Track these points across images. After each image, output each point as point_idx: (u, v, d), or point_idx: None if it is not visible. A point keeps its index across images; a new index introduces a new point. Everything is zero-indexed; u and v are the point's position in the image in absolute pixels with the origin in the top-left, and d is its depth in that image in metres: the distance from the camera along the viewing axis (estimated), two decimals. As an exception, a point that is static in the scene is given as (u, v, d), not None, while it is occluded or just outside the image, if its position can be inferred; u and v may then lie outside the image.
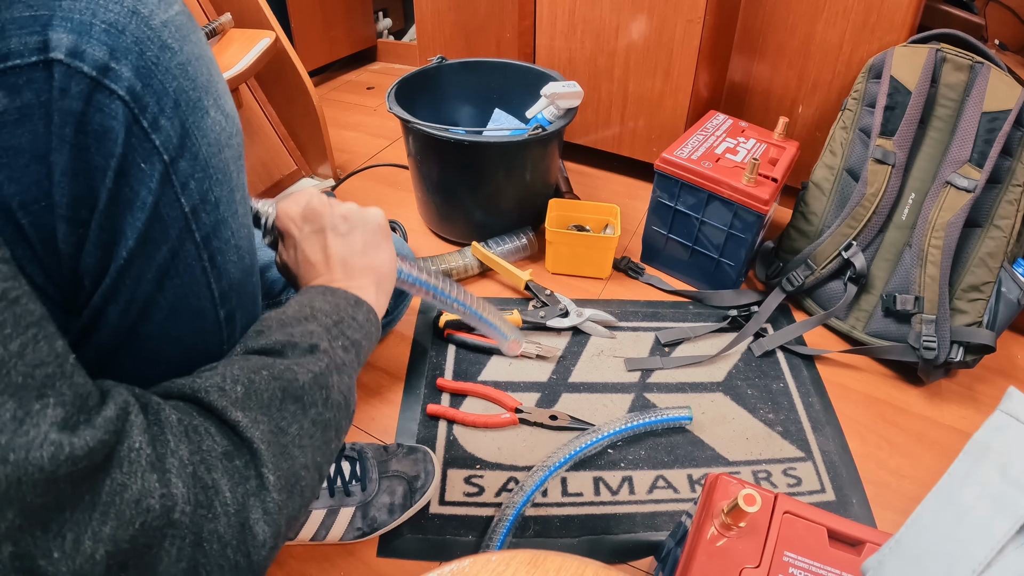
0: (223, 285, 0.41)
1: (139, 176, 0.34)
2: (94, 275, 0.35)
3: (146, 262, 0.36)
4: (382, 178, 1.39)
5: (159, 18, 0.33)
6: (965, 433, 0.85)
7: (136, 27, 0.32)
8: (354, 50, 1.95)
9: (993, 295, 0.87)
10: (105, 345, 0.37)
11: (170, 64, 0.34)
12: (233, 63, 1.04)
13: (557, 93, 1.01)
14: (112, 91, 0.32)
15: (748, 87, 1.25)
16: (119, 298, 0.36)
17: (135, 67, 0.32)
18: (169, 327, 0.39)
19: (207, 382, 0.34)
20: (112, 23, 0.31)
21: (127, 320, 0.37)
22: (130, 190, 0.34)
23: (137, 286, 0.36)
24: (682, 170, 1.00)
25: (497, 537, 0.69)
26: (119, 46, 0.32)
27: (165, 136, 0.34)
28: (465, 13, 1.45)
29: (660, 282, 1.10)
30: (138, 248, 0.35)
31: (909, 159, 0.93)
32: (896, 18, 1.02)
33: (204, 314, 0.41)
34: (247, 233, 0.43)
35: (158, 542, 0.27)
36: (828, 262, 0.97)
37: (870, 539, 0.50)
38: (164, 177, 0.35)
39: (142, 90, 0.33)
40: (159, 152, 0.34)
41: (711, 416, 0.85)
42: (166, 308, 0.38)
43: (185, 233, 0.37)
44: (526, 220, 1.13)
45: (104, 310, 0.36)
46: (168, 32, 0.34)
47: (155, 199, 0.34)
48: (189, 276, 0.38)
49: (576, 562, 0.37)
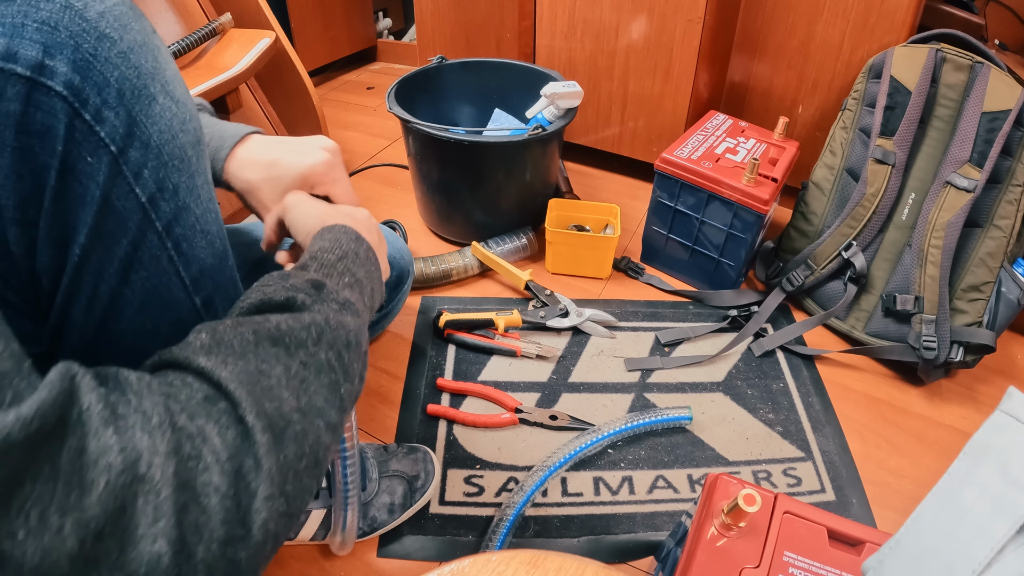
0: (193, 271, 0.40)
1: (86, 170, 0.33)
2: (51, 274, 0.35)
3: (105, 256, 0.35)
4: (382, 178, 1.39)
5: (94, 9, 0.33)
6: (965, 433, 0.85)
7: (70, 21, 0.32)
8: (354, 50, 1.95)
9: (993, 295, 0.87)
10: (79, 346, 0.37)
11: (110, 54, 0.33)
12: (233, 63, 1.04)
13: (557, 93, 1.01)
14: (49, 88, 0.31)
15: (748, 87, 1.25)
16: (80, 295, 0.36)
17: (71, 61, 0.32)
18: (143, 321, 0.39)
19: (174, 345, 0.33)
20: (44, 20, 0.31)
21: (93, 317, 0.37)
22: (78, 185, 0.33)
23: (99, 281, 0.36)
24: (682, 170, 1.00)
25: (497, 537, 0.69)
26: (53, 42, 0.31)
27: (110, 127, 0.34)
28: (465, 13, 1.45)
29: (660, 282, 1.10)
30: (92, 243, 0.35)
31: (909, 159, 0.93)
32: (896, 18, 1.02)
33: (178, 304, 0.40)
34: (215, 217, 0.42)
35: (131, 502, 0.25)
36: (828, 262, 0.97)
37: (870, 539, 0.50)
38: (113, 169, 0.34)
39: (81, 83, 0.32)
40: (105, 144, 0.34)
41: (711, 416, 0.85)
42: (135, 302, 0.38)
43: (145, 223, 0.36)
44: (526, 220, 1.13)
45: (68, 310, 0.36)
46: (105, 22, 0.33)
47: (104, 192, 0.34)
48: (155, 267, 0.38)
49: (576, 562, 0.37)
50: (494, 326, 0.96)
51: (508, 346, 0.93)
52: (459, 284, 1.08)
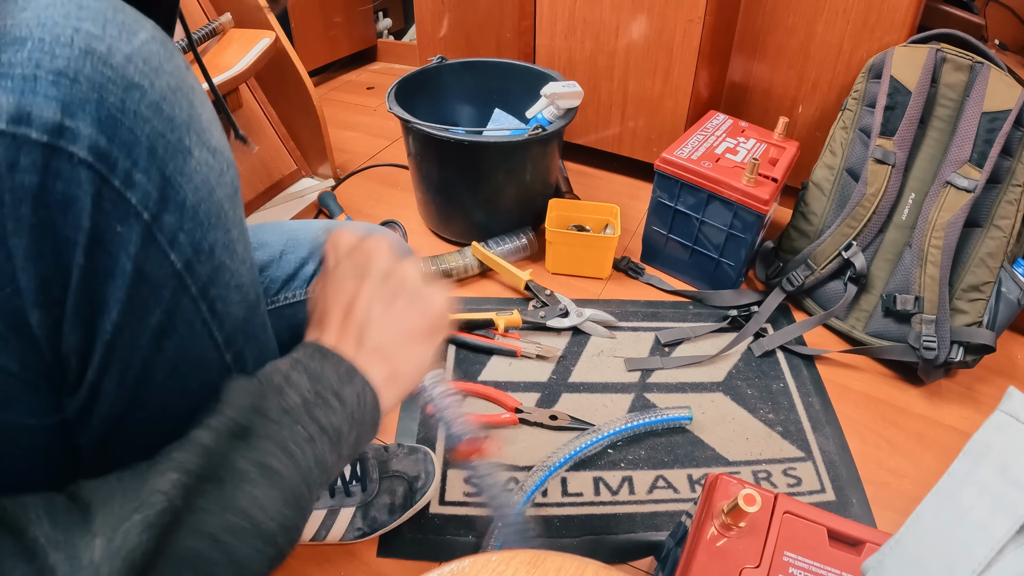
0: (227, 330, 0.37)
1: (115, 241, 0.29)
2: (80, 353, 0.32)
3: (138, 328, 0.32)
4: (382, 178, 1.40)
5: (121, 53, 0.28)
6: (965, 433, 0.85)
7: (92, 70, 0.27)
8: (354, 50, 1.95)
9: (993, 295, 0.87)
10: (108, 415, 0.35)
11: (139, 106, 0.29)
12: (233, 63, 1.04)
13: (557, 93, 1.01)
14: (71, 155, 0.27)
15: (748, 87, 1.25)
16: (112, 370, 0.33)
17: (96, 119, 0.27)
18: (173, 384, 0.36)
19: None
20: (61, 71, 0.26)
21: (126, 388, 0.34)
22: (108, 258, 0.30)
23: (131, 355, 0.33)
24: (682, 170, 1.00)
25: (497, 537, 0.69)
26: (73, 98, 0.26)
27: (142, 192, 0.29)
28: (465, 13, 1.45)
29: (660, 282, 1.10)
30: (125, 317, 0.31)
31: (909, 159, 0.93)
32: (896, 18, 1.02)
33: (209, 363, 0.37)
34: (249, 267, 0.39)
35: None
36: (828, 262, 0.97)
37: (870, 539, 0.50)
38: (146, 237, 0.30)
39: (107, 145, 0.28)
40: (137, 211, 0.29)
41: (711, 416, 0.85)
42: (167, 368, 0.35)
43: (180, 290, 0.33)
44: (526, 220, 1.13)
45: (100, 383, 0.33)
46: (134, 67, 0.28)
47: (137, 263, 0.30)
48: (188, 331, 0.35)
49: (576, 562, 0.37)
50: (494, 326, 0.96)
51: (508, 346, 0.93)
52: (459, 284, 1.08)
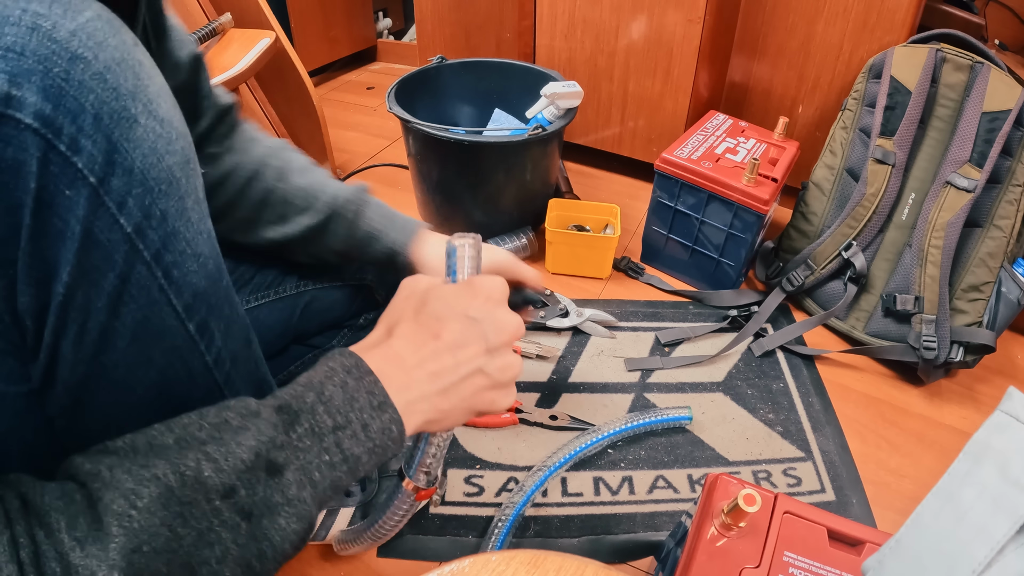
0: (186, 298, 0.38)
1: (64, 204, 0.31)
2: (34, 314, 0.33)
3: (92, 291, 0.33)
4: (382, 178, 1.39)
5: (65, 28, 0.30)
6: (965, 433, 0.85)
7: (38, 44, 0.29)
8: (354, 50, 1.95)
9: (993, 295, 0.87)
10: (72, 381, 0.36)
11: (84, 76, 0.30)
12: (233, 63, 1.05)
13: (557, 93, 1.01)
14: (18, 121, 0.29)
15: (748, 87, 1.25)
16: (68, 332, 0.34)
17: (41, 88, 0.29)
18: (135, 352, 0.37)
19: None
20: (8, 47, 0.28)
21: (84, 352, 0.35)
22: (57, 220, 0.31)
23: (86, 317, 0.34)
24: (682, 170, 1.00)
25: (497, 537, 0.69)
26: (19, 69, 0.28)
27: (88, 156, 0.31)
28: (465, 13, 1.45)
29: (660, 282, 1.10)
30: (76, 280, 0.33)
31: (909, 159, 0.93)
32: (896, 18, 1.02)
33: (171, 332, 0.38)
34: (207, 237, 0.40)
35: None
36: (828, 262, 0.97)
37: (870, 539, 0.50)
38: (94, 201, 0.32)
39: (53, 112, 0.29)
40: (83, 175, 0.31)
41: (711, 416, 0.85)
42: (127, 334, 0.36)
43: (132, 255, 0.34)
44: (526, 220, 1.13)
45: (57, 346, 0.34)
46: (78, 41, 0.30)
47: (85, 226, 0.32)
48: (145, 298, 0.36)
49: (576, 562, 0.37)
50: (494, 326, 0.96)
51: (508, 346, 0.93)
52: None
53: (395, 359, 0.41)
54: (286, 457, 0.35)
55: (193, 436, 0.33)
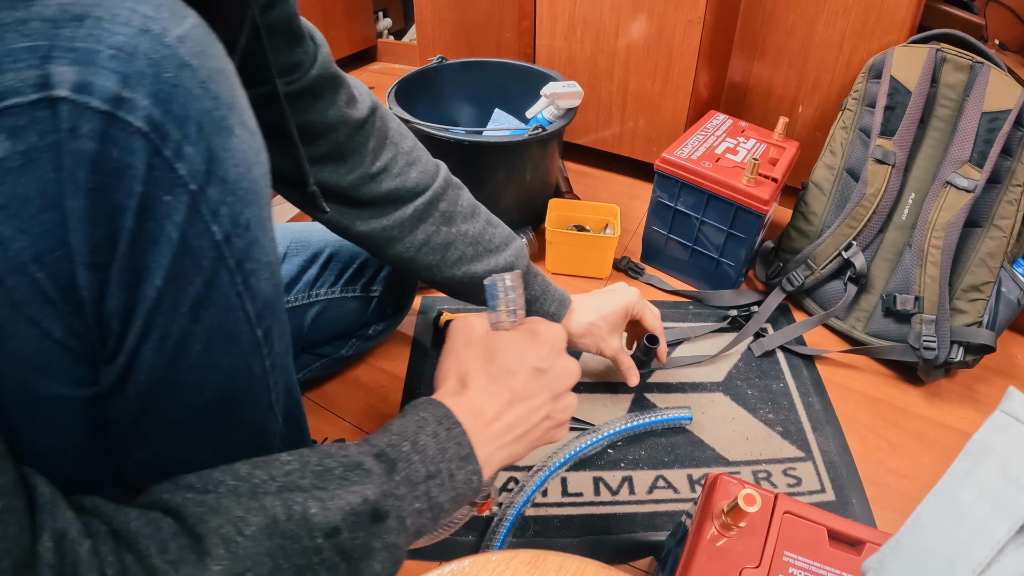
0: (258, 305, 0.39)
1: (163, 210, 0.31)
2: (121, 318, 0.33)
3: (179, 297, 0.34)
4: (382, 178, 1.39)
5: (173, 34, 0.30)
6: (965, 433, 0.85)
7: (149, 47, 0.29)
8: (354, 50, 1.95)
9: (993, 295, 0.87)
10: (145, 386, 0.36)
11: (191, 84, 0.30)
12: (233, 63, 1.04)
13: (557, 93, 1.01)
14: (128, 124, 0.28)
15: (748, 87, 1.25)
16: (152, 336, 0.34)
17: (152, 93, 0.29)
18: (207, 357, 0.37)
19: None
20: (120, 47, 0.28)
21: (163, 357, 0.35)
22: (155, 225, 0.31)
23: (171, 322, 0.34)
24: (682, 170, 1.00)
25: (497, 537, 0.69)
26: (131, 71, 0.28)
27: (190, 164, 0.31)
28: (465, 13, 1.45)
29: (660, 282, 1.10)
30: (167, 284, 0.33)
31: (909, 159, 0.93)
32: (896, 18, 1.02)
33: (242, 338, 0.39)
34: (275, 247, 0.41)
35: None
36: (828, 262, 0.97)
37: (870, 539, 0.50)
38: (192, 208, 0.32)
39: (162, 117, 0.29)
40: (184, 182, 0.31)
41: (711, 416, 0.85)
42: (203, 339, 0.36)
43: (218, 262, 0.35)
44: (526, 220, 1.13)
45: (139, 350, 0.34)
46: (185, 48, 0.30)
47: (182, 232, 0.32)
48: (224, 304, 0.36)
49: (576, 562, 0.37)
50: (494, 326, 0.95)
51: (508, 346, 0.93)
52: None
53: (476, 413, 0.44)
54: (388, 505, 0.37)
55: (296, 484, 0.35)
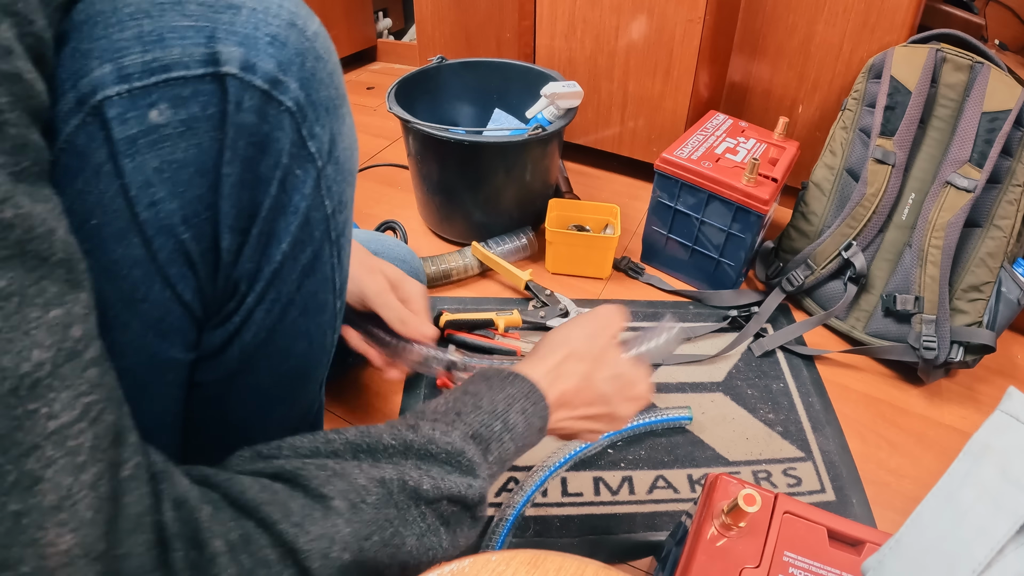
0: (342, 278, 0.43)
1: (295, 183, 0.35)
2: (250, 279, 0.36)
3: (294, 264, 0.38)
4: (382, 178, 1.39)
5: (312, 29, 0.35)
6: (965, 433, 0.85)
7: (296, 39, 0.33)
8: (354, 50, 1.95)
9: (993, 295, 0.87)
10: (250, 347, 0.39)
11: (323, 74, 0.35)
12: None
13: (557, 93, 1.01)
14: (281, 103, 0.33)
15: (748, 87, 1.25)
16: (267, 298, 0.38)
17: (299, 78, 0.33)
18: (301, 324, 0.41)
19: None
20: (275, 35, 0.32)
21: (270, 321, 0.39)
22: (287, 196, 0.35)
23: (283, 286, 0.38)
24: (682, 170, 1.00)
25: (497, 537, 0.69)
26: (285, 58, 0.32)
27: (319, 144, 0.35)
28: (465, 13, 1.45)
29: (660, 282, 1.10)
30: (290, 250, 0.37)
31: (909, 159, 0.93)
32: (896, 18, 1.02)
33: (327, 308, 0.43)
34: None
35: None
36: (828, 262, 0.97)
37: (870, 539, 0.50)
38: (316, 183, 0.36)
39: (305, 100, 0.34)
40: (314, 159, 0.35)
41: (711, 416, 0.85)
42: (301, 306, 0.40)
43: (324, 235, 0.39)
44: (526, 220, 1.13)
45: (253, 312, 0.38)
46: (319, 43, 0.35)
47: (308, 204, 0.36)
48: (322, 274, 0.40)
49: (576, 562, 0.37)
50: (494, 326, 0.96)
51: (508, 346, 0.93)
52: (459, 284, 1.08)
53: (562, 398, 0.48)
54: (484, 487, 0.40)
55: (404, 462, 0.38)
